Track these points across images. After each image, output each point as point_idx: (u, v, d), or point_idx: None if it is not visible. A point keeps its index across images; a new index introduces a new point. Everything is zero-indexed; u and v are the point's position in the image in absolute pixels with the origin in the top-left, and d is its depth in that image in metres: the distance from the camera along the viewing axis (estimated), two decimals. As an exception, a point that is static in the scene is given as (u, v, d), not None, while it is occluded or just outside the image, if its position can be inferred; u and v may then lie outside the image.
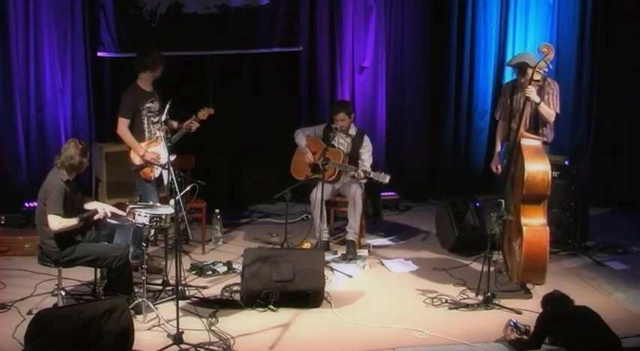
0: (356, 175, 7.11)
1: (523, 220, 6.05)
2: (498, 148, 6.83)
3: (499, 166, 6.77)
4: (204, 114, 6.90)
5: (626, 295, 6.35)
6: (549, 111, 6.35)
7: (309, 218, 7.86)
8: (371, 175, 7.04)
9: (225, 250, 7.40)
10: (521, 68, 6.47)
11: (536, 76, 6.17)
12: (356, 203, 7.20)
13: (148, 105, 6.70)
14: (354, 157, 7.31)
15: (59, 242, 5.65)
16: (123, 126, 6.64)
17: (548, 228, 6.07)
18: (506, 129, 6.66)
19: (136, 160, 6.62)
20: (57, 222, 5.57)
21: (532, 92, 6.19)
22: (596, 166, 8.70)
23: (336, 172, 7.28)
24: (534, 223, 6.06)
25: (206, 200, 7.28)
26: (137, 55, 6.87)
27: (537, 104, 6.25)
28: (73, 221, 5.64)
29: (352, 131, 7.39)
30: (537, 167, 6.01)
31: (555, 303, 5.29)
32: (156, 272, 6.56)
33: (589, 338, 4.95)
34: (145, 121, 6.71)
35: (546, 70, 6.19)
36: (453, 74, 8.90)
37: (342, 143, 7.35)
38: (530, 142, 6.17)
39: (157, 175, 6.67)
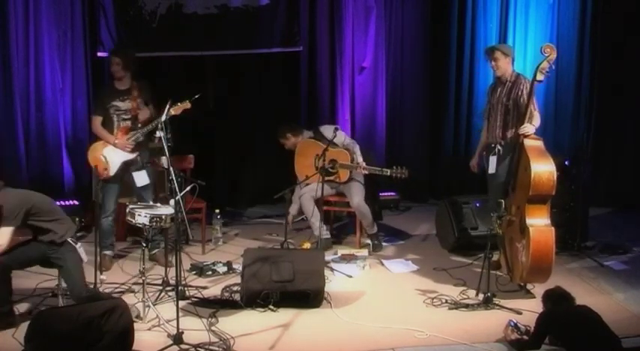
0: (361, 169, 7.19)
1: (528, 221, 6.02)
2: (481, 148, 6.93)
3: (476, 166, 6.95)
4: (177, 109, 6.43)
5: (626, 296, 6.35)
6: (537, 115, 6.36)
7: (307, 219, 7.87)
8: (388, 173, 7.09)
9: (225, 250, 7.40)
10: (492, 53, 6.58)
11: (539, 77, 6.16)
12: (361, 212, 7.27)
13: (115, 103, 6.76)
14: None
15: None
16: (93, 123, 6.84)
17: (553, 228, 6.06)
18: (486, 127, 6.80)
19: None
20: None
21: (527, 128, 6.19)
22: (597, 166, 8.70)
23: (348, 173, 7.27)
24: (540, 223, 6.04)
25: (206, 200, 7.28)
26: (131, 53, 6.97)
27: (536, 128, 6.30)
28: None
29: (307, 135, 7.51)
30: (543, 167, 6.00)
31: (556, 300, 5.29)
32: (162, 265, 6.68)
33: (589, 338, 4.95)
34: (115, 119, 6.77)
35: (548, 70, 6.19)
36: (453, 74, 8.91)
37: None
38: (533, 142, 6.16)
39: (111, 173, 6.67)
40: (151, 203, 6.28)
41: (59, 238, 5.61)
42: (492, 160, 6.67)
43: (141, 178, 6.79)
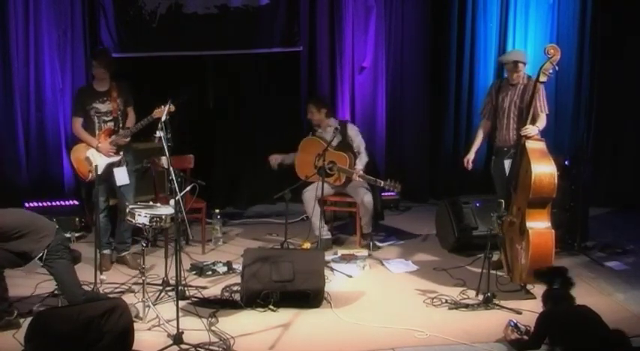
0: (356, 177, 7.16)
1: (528, 224, 6.03)
2: (477, 144, 6.89)
3: (470, 162, 6.85)
4: (159, 113, 6.25)
5: (626, 296, 6.35)
6: (543, 116, 6.38)
7: (309, 218, 7.86)
8: (382, 185, 7.08)
9: (225, 250, 7.40)
10: (516, 66, 6.54)
11: (542, 78, 6.16)
12: (366, 209, 7.27)
13: (95, 105, 6.74)
14: (345, 149, 7.33)
15: None
16: (73, 125, 6.81)
17: (553, 231, 6.06)
18: (489, 128, 6.79)
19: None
20: None
21: (529, 129, 6.21)
22: (596, 166, 8.70)
23: (344, 177, 7.27)
24: (540, 226, 6.04)
25: (206, 200, 7.28)
26: (107, 54, 7.01)
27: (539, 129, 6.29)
28: None
29: (332, 124, 7.44)
30: (544, 170, 5.99)
31: (557, 300, 5.28)
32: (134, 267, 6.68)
33: (589, 338, 4.94)
34: (96, 121, 6.76)
35: (551, 71, 6.18)
36: (453, 74, 8.91)
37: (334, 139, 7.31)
38: (535, 144, 6.15)
39: (94, 175, 6.57)
40: (131, 205, 6.19)
41: (34, 254, 5.55)
42: (508, 164, 6.60)
43: (121, 176, 6.76)
